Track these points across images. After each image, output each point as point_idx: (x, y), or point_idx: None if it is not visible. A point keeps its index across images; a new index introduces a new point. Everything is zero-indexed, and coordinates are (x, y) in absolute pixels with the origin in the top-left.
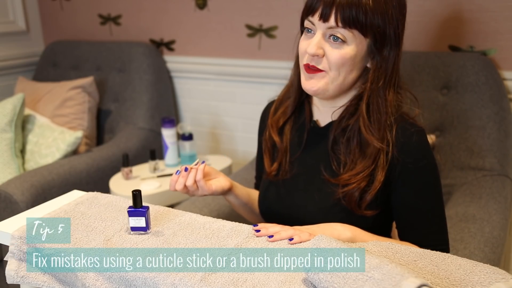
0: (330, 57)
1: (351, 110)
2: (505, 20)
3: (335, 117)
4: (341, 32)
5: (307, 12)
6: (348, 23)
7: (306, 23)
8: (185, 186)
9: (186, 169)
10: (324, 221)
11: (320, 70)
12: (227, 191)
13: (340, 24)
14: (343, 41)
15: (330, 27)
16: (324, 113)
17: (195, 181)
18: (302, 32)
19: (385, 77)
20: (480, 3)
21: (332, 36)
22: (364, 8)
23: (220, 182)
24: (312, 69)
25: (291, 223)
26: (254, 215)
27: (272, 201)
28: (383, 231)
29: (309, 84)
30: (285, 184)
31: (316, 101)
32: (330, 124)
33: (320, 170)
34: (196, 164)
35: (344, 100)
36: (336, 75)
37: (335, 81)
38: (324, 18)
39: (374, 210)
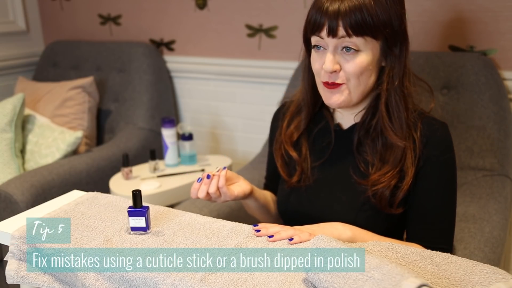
0: (348, 69)
1: (372, 111)
2: (505, 20)
3: (357, 119)
4: (353, 41)
5: (313, 29)
6: (358, 31)
7: (314, 41)
8: (207, 193)
9: (208, 176)
10: (353, 221)
11: (340, 84)
12: (248, 195)
13: (350, 32)
14: (357, 50)
15: (341, 40)
16: (347, 116)
17: (218, 188)
18: (308, 50)
19: (399, 74)
20: (480, 3)
21: (345, 48)
22: (369, 12)
23: (241, 186)
24: (332, 85)
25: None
26: (269, 217)
27: (294, 205)
28: (403, 229)
29: (332, 99)
30: (308, 190)
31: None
32: (353, 126)
33: (347, 172)
34: (217, 171)
35: (365, 103)
36: (356, 84)
37: (357, 90)
38: (333, 32)
39: (402, 207)
